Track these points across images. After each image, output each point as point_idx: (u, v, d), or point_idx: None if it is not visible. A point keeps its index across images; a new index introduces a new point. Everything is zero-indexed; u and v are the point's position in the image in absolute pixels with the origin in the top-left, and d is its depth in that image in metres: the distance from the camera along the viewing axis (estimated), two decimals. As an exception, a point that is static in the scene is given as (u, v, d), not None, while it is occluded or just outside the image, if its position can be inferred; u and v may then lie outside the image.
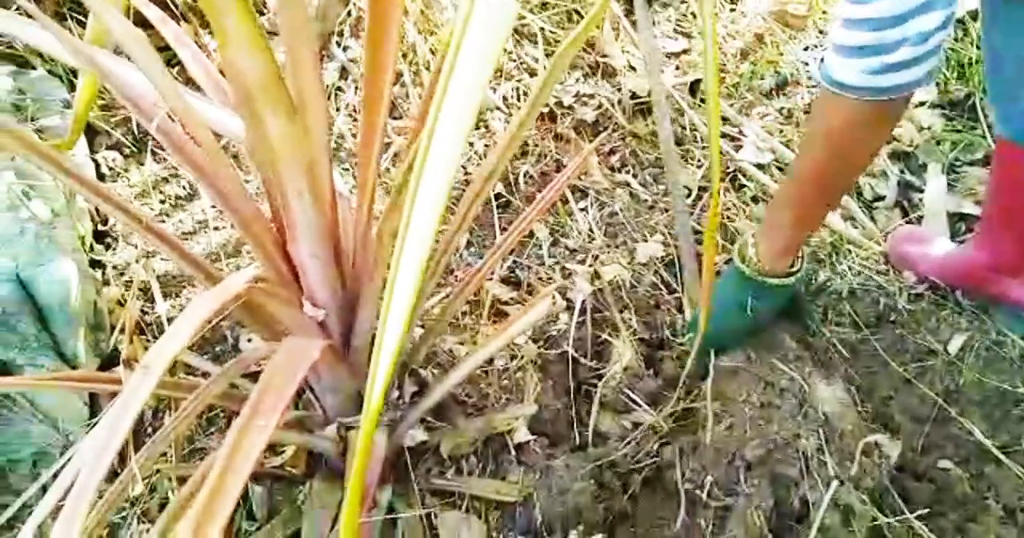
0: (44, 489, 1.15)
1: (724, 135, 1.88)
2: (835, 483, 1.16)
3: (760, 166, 1.83)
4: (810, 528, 1.13)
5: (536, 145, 1.78)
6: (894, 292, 1.52)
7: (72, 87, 1.58)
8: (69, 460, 0.68)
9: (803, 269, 1.28)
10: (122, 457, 1.16)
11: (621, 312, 1.46)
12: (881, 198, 1.76)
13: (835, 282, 1.54)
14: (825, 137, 1.08)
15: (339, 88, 1.77)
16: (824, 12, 2.11)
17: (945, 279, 1.50)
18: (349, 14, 1.80)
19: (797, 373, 1.28)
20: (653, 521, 1.17)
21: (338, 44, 1.81)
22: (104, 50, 1.08)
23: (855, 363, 1.41)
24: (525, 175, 1.73)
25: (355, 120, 1.76)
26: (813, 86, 2.05)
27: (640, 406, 1.33)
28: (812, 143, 1.12)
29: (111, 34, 1.03)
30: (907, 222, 1.69)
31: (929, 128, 1.86)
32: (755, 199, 1.78)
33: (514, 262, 1.58)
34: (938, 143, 1.82)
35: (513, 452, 1.25)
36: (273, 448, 1.23)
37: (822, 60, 1.02)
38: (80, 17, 1.61)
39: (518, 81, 1.85)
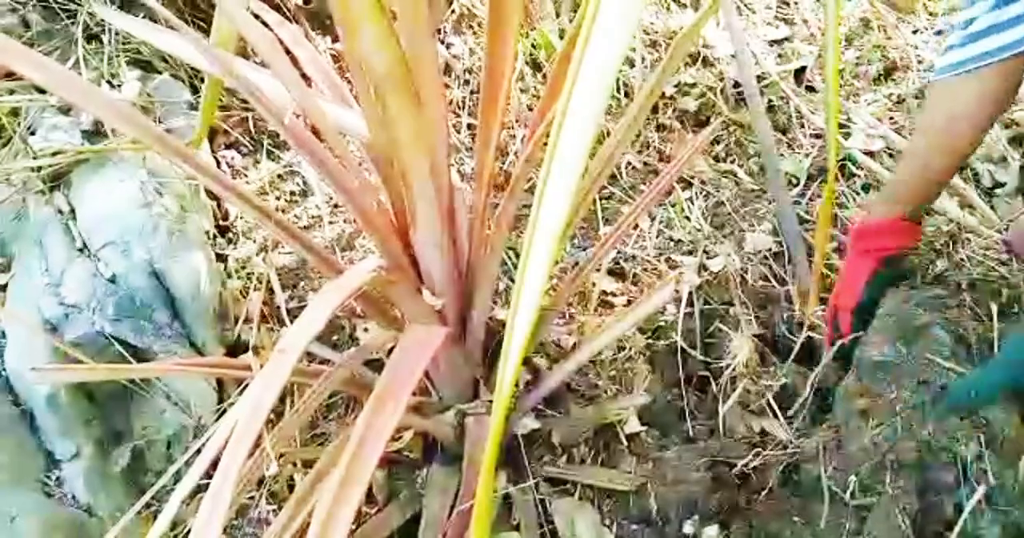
0: (178, 471, 1.21)
1: (831, 122, 1.83)
2: (989, 491, 1.06)
3: (870, 153, 1.78)
4: (962, 535, 1.05)
5: (638, 135, 1.77)
6: (1017, 283, 1.45)
7: (194, 90, 1.65)
8: (205, 442, 0.71)
9: None
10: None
11: (732, 304, 1.44)
12: (1002, 185, 1.69)
13: (953, 273, 1.47)
14: None
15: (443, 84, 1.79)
16: (933, -6, 2.04)
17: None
18: (453, 11, 1.82)
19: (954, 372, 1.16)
20: (772, 515, 1.14)
21: (441, 41, 1.84)
22: (229, 53, 1.13)
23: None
24: (627, 165, 1.73)
25: (458, 116, 1.79)
26: (924, 70, 1.98)
27: (763, 396, 1.30)
28: None
29: (241, 37, 1.08)
30: (1030, 210, 1.62)
31: (1053, 112, 1.78)
32: (865, 187, 1.73)
33: (619, 253, 1.58)
34: (1064, 126, 1.74)
35: (624, 442, 1.25)
36: (391, 434, 1.27)
37: None
38: (200, 23, 1.68)
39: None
